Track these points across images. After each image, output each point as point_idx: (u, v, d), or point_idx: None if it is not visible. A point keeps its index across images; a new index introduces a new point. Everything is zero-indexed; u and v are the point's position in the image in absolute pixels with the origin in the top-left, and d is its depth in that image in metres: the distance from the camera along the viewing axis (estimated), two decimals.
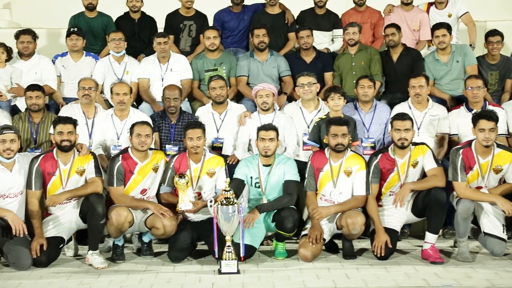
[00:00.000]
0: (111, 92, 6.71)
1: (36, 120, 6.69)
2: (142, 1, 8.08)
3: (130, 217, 5.86)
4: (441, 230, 6.21)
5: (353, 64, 7.51)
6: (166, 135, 6.76)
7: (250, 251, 5.81)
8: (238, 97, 7.64)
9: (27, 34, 7.40)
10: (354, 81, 7.08)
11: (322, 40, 8.01)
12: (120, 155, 6.07)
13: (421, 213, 5.98)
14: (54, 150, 5.93)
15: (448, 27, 7.44)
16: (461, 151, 5.92)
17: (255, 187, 6.06)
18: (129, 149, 6.09)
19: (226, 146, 6.82)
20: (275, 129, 6.06)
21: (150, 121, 6.48)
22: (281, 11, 8.11)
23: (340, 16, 8.16)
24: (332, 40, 8.10)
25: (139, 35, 8.04)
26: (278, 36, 7.96)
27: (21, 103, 7.11)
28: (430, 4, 8.24)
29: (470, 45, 7.94)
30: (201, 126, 6.10)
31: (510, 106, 6.95)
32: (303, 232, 5.99)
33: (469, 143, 5.98)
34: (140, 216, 5.98)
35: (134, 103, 7.33)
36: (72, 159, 5.92)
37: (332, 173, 5.96)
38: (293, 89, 7.30)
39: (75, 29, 7.53)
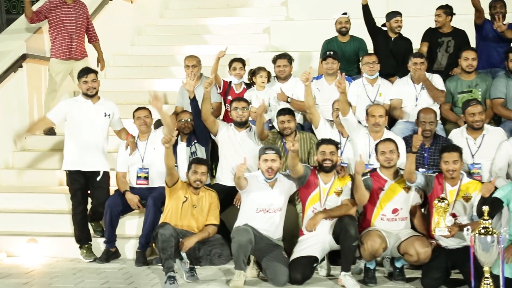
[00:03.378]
0: (367, 113, 6.76)
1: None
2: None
3: (384, 244, 5.86)
4: None
5: None
6: (419, 158, 6.63)
7: (510, 285, 5.46)
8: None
9: (283, 58, 7.73)
10: None
11: None
12: (368, 174, 6.13)
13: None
14: (316, 170, 6.17)
15: None
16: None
17: None
18: (378, 169, 6.15)
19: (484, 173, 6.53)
20: None
21: (400, 141, 6.48)
22: None
23: None
24: None
25: (393, 55, 8.05)
26: None
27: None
28: None
29: None
30: (457, 149, 5.92)
31: None
32: None
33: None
34: (393, 242, 5.94)
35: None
36: (333, 179, 6.12)
37: None
38: None
39: (331, 52, 7.70)
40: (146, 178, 6.97)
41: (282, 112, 6.85)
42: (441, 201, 5.70)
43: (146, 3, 11.28)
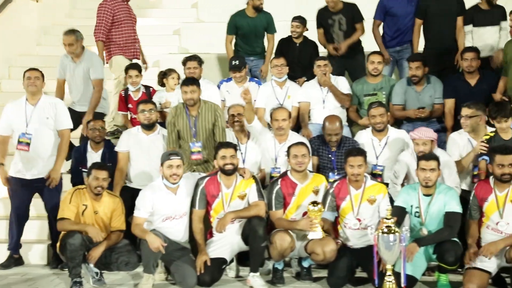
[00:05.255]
0: (271, 117, 6.83)
1: (193, 113, 6.67)
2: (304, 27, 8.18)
3: (293, 243, 5.94)
4: None
5: None
6: (326, 162, 6.75)
7: (411, 282, 5.67)
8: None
9: (193, 60, 7.70)
10: None
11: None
12: (279, 179, 6.18)
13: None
14: (218, 173, 6.13)
15: None
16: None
17: (415, 216, 5.92)
18: (288, 172, 6.19)
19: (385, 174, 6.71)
20: (436, 159, 5.88)
21: (307, 143, 6.52)
22: None
23: None
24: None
25: (299, 60, 8.16)
26: None
27: None
28: None
29: None
30: (362, 153, 6.05)
31: None
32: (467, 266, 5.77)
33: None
34: (301, 241, 6.03)
35: None
36: (235, 183, 6.10)
37: (497, 203, 5.72)
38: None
39: (236, 62, 7.65)
40: (28, 144, 6.45)
41: (186, 82, 6.66)
42: (314, 205, 5.83)
43: (53, 2, 10.99)
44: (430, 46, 7.85)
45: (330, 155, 6.72)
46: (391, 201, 6.05)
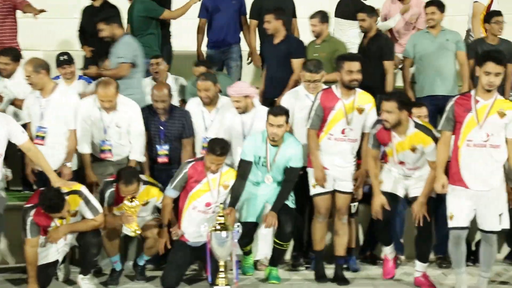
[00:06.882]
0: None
1: None
2: None
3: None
4: None
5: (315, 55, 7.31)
6: (155, 133, 6.55)
7: (252, 229, 6.04)
8: None
9: (4, 55, 7.26)
10: None
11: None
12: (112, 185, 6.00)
13: None
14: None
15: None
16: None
17: (262, 165, 6.03)
18: None
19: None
20: (285, 114, 5.95)
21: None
22: None
23: None
24: None
25: None
26: None
27: None
28: None
29: None
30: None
31: None
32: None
33: None
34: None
35: None
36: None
37: (345, 110, 5.93)
38: None
39: (65, 57, 7.29)
40: None
41: None
42: (131, 201, 5.82)
43: None
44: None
45: (160, 126, 6.55)
46: None
